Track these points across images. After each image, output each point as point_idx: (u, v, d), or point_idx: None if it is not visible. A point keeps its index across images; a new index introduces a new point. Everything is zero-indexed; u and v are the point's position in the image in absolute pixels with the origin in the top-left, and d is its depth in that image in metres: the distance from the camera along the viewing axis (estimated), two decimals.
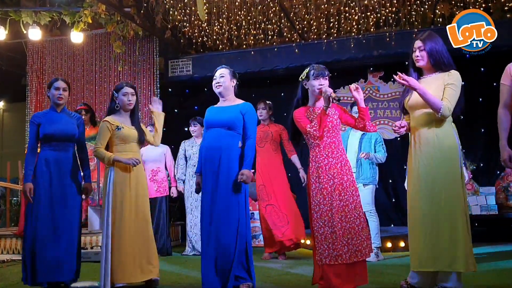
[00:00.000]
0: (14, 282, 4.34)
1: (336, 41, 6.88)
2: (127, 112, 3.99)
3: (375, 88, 7.50)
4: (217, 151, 3.51)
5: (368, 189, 5.15)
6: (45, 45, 7.55)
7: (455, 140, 3.14)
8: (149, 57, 7.32)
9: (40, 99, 7.45)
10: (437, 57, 3.13)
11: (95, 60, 7.45)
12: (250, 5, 6.90)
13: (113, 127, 3.85)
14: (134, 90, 4.00)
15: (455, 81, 3.09)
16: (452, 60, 3.19)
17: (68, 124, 3.96)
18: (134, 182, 3.84)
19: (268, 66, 7.15)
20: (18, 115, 11.05)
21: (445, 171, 3.09)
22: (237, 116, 3.56)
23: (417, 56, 3.20)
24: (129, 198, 3.79)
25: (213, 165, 3.51)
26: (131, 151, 3.89)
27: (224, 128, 3.55)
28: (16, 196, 8.57)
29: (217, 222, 3.44)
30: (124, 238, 3.72)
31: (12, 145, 11.50)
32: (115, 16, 6.96)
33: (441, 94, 3.09)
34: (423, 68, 3.25)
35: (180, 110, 7.97)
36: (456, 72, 3.14)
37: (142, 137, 3.97)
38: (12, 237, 5.91)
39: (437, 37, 3.19)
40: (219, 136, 3.54)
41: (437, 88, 3.11)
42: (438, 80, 3.14)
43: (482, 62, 6.62)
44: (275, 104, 5.86)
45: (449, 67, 3.16)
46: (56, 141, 3.90)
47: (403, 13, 6.52)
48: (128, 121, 3.97)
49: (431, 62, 3.16)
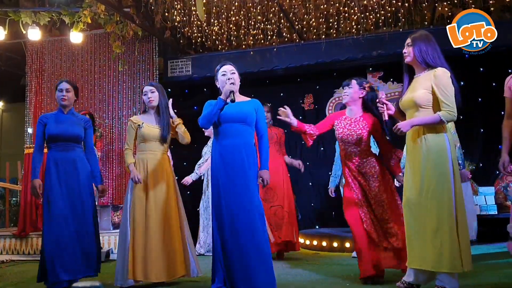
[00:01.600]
0: (14, 282, 4.34)
1: (335, 41, 6.88)
2: (153, 110, 4.10)
3: (374, 88, 7.49)
4: (237, 146, 3.38)
5: None
6: (44, 45, 7.54)
7: (445, 141, 3.13)
8: (149, 57, 7.31)
9: (39, 99, 7.44)
10: (424, 55, 3.16)
11: (95, 60, 7.44)
12: (250, 6, 6.91)
13: (135, 125, 3.99)
14: (155, 87, 4.09)
15: (443, 83, 3.09)
16: (444, 61, 3.19)
17: (73, 125, 4.01)
18: (149, 182, 3.90)
19: (267, 66, 7.16)
20: (17, 115, 11.05)
21: (432, 173, 3.10)
22: (252, 112, 3.45)
23: (405, 52, 3.27)
24: (141, 199, 3.86)
25: (234, 160, 3.36)
26: (151, 150, 3.98)
27: (241, 123, 3.42)
28: (15, 196, 8.57)
29: (238, 222, 3.27)
30: (136, 237, 3.79)
31: (11, 146, 11.51)
32: (115, 16, 6.95)
33: (429, 95, 3.12)
34: (413, 65, 3.28)
35: (179, 110, 7.93)
36: (441, 71, 3.12)
37: (164, 135, 4.00)
38: (11, 238, 5.91)
39: (428, 37, 3.22)
40: (237, 131, 3.41)
41: (426, 87, 3.13)
42: (426, 79, 3.17)
43: (482, 62, 6.62)
44: (275, 104, 5.86)
45: (437, 65, 3.17)
46: (62, 141, 3.95)
47: (402, 13, 6.52)
48: (153, 119, 4.07)
49: (419, 59, 3.19)
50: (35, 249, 5.84)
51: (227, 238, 3.29)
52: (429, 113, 3.13)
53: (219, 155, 3.43)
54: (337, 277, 4.17)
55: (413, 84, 3.27)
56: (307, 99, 7.87)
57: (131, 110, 7.14)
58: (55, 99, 7.47)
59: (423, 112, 3.15)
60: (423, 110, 3.15)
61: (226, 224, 3.30)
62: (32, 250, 5.86)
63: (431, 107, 3.14)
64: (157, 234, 3.83)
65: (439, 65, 3.16)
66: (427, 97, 3.12)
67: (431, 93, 3.12)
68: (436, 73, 3.12)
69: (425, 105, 3.14)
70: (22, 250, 5.88)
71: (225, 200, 3.34)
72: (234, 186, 3.33)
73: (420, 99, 3.13)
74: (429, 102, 3.13)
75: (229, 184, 3.35)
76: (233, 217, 3.28)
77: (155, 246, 3.79)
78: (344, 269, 4.57)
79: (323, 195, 7.36)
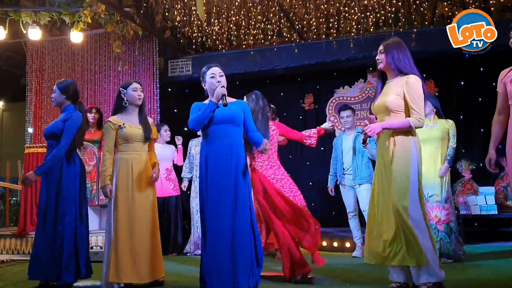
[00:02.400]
0: (14, 281, 4.34)
1: (336, 41, 6.88)
2: (135, 109, 3.99)
3: (375, 88, 7.50)
4: (226, 147, 3.37)
5: (365, 190, 5.23)
6: (44, 45, 7.54)
7: (411, 145, 3.23)
8: (149, 57, 7.31)
9: (39, 99, 7.44)
10: (396, 62, 3.26)
11: (95, 60, 7.44)
12: (250, 5, 6.90)
13: (116, 126, 3.86)
14: (142, 86, 4.07)
15: (414, 91, 3.19)
16: (415, 68, 3.28)
17: (53, 123, 4.07)
18: (134, 183, 3.83)
19: (267, 66, 7.15)
20: (17, 115, 11.05)
21: (395, 173, 3.20)
22: (240, 112, 3.47)
23: (378, 59, 3.37)
24: (125, 199, 3.80)
25: (225, 160, 3.35)
26: (135, 151, 3.89)
27: (230, 124, 3.42)
28: (15, 196, 8.58)
29: (234, 220, 3.27)
30: (120, 238, 3.72)
31: (12, 145, 11.50)
32: (115, 16, 6.96)
33: (401, 101, 3.22)
34: (385, 71, 3.38)
35: (180, 110, 7.96)
36: (413, 78, 3.22)
37: (147, 135, 3.93)
38: (11, 237, 5.91)
39: (400, 44, 3.33)
40: (226, 132, 3.41)
41: (398, 93, 3.23)
42: (397, 85, 3.27)
43: (482, 62, 6.62)
44: (275, 104, 5.87)
45: (409, 72, 3.26)
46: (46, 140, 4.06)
47: (403, 13, 6.52)
48: (135, 119, 3.96)
49: (391, 66, 3.28)
50: None
51: (211, 239, 3.30)
52: (399, 117, 3.24)
53: (208, 156, 3.42)
54: (337, 277, 4.17)
55: (385, 90, 3.37)
56: (307, 99, 7.86)
57: None
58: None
59: (394, 117, 3.25)
60: (394, 114, 3.26)
61: (211, 225, 3.31)
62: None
63: (402, 112, 3.25)
64: (143, 235, 3.79)
65: (411, 72, 3.26)
66: (399, 102, 3.23)
67: (403, 99, 3.22)
68: (409, 80, 3.22)
69: (396, 110, 3.25)
70: (22, 249, 5.88)
71: (212, 201, 3.33)
72: (221, 187, 3.32)
73: (391, 104, 3.23)
74: (400, 107, 3.24)
75: (217, 185, 3.34)
76: (217, 218, 3.29)
77: (142, 247, 3.76)
78: (344, 269, 4.57)
79: (323, 195, 7.35)
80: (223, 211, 3.29)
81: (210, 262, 3.28)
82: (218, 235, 3.27)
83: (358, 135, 5.26)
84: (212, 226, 3.32)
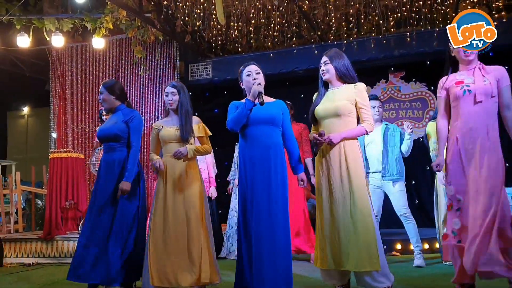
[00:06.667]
0: (40, 285, 4.41)
1: (356, 41, 6.83)
2: (174, 112, 3.88)
3: (397, 88, 7.42)
4: (265, 147, 3.32)
5: (399, 191, 4.83)
6: (67, 51, 7.67)
7: (358, 147, 3.37)
8: (170, 61, 7.38)
9: (63, 104, 7.56)
10: (343, 70, 3.44)
11: (117, 65, 7.54)
12: (270, 8, 6.91)
13: (155, 130, 3.87)
14: (177, 89, 3.87)
15: (364, 98, 3.39)
16: (355, 74, 3.48)
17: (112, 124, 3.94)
18: (168, 187, 3.74)
19: (287, 68, 7.14)
20: (42, 120, 11.27)
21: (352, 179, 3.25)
22: (279, 113, 3.40)
23: (323, 70, 3.50)
24: (160, 204, 3.72)
25: (264, 162, 3.29)
26: (170, 153, 3.74)
27: (269, 125, 3.36)
28: (41, 200, 8.72)
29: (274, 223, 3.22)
30: (155, 240, 3.65)
31: (36, 150, 11.72)
32: (136, 21, 7.03)
33: (352, 106, 3.36)
34: (329, 81, 3.51)
35: (200, 113, 8.00)
36: (362, 86, 3.41)
37: (184, 135, 3.74)
38: (37, 241, 6.00)
39: (342, 54, 3.51)
40: (265, 133, 3.34)
41: (348, 99, 3.37)
42: (348, 91, 3.41)
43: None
44: (295, 105, 5.85)
45: (354, 79, 3.45)
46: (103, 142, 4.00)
47: (424, 12, 6.43)
48: (173, 121, 3.86)
49: (338, 74, 3.45)
50: (60, 252, 5.92)
51: (252, 241, 3.23)
52: (349, 121, 3.37)
53: (247, 157, 3.37)
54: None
55: (330, 96, 3.46)
56: None
57: (153, 114, 7.21)
58: (78, 104, 7.64)
59: (344, 120, 3.36)
60: (344, 118, 3.37)
61: (252, 227, 3.25)
62: (58, 253, 5.94)
63: (353, 116, 3.39)
64: (179, 239, 3.65)
65: (356, 79, 3.45)
66: (350, 107, 3.37)
67: (353, 105, 3.37)
68: (359, 88, 3.40)
69: (347, 114, 3.37)
70: (47, 253, 5.97)
71: (251, 203, 3.28)
72: (261, 188, 3.27)
73: (343, 108, 3.36)
74: (351, 112, 3.38)
75: (256, 186, 3.28)
76: (259, 220, 3.22)
77: (177, 252, 3.63)
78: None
79: None
80: (261, 215, 3.23)
81: (247, 266, 3.25)
82: (256, 238, 3.21)
83: (388, 128, 4.96)
84: (250, 229, 3.27)
